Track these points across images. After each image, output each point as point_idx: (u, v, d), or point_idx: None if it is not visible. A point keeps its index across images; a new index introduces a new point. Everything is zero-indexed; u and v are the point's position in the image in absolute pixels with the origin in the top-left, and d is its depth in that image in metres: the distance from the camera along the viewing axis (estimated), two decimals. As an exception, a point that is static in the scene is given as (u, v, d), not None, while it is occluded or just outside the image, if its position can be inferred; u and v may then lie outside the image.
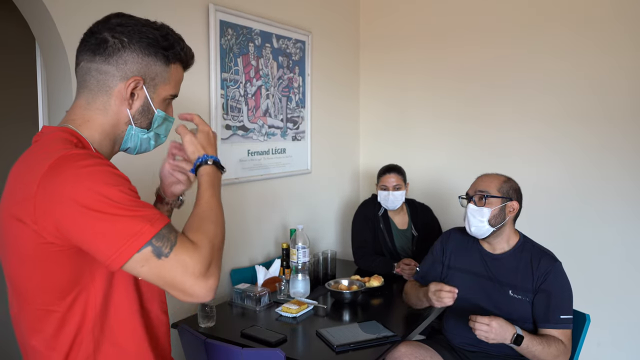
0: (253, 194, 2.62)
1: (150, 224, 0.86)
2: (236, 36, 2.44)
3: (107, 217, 0.84)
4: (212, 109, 2.33)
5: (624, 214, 2.74)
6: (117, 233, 0.84)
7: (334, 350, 1.74)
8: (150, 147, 1.11)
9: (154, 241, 0.86)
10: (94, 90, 1.01)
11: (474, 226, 1.91)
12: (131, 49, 0.99)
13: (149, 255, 0.85)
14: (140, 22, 1.02)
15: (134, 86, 1.01)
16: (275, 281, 2.36)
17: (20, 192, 0.89)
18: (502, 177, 1.95)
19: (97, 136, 1.01)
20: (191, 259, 0.88)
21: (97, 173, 0.87)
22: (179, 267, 0.87)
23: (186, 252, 0.88)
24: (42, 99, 1.93)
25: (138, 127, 1.05)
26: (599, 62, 2.74)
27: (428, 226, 2.79)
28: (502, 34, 3.00)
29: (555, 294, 1.82)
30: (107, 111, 1.01)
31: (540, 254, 1.89)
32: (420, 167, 3.30)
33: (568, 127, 2.85)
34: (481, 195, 1.89)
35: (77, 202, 0.84)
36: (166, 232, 0.88)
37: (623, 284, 2.77)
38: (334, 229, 3.37)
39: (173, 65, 1.05)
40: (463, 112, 3.16)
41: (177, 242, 0.88)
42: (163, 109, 1.07)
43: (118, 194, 0.86)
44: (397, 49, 3.37)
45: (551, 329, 1.79)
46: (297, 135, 2.92)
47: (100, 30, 1.00)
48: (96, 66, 1.00)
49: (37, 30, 1.81)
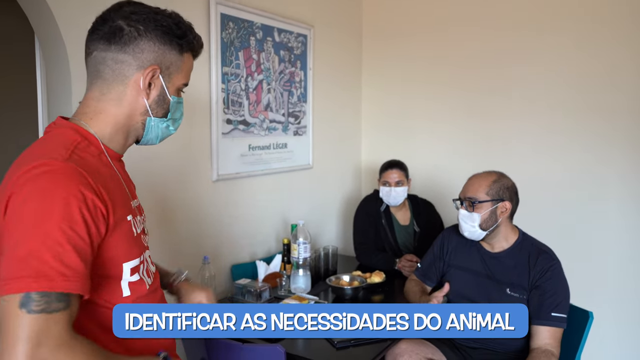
0: (254, 189, 2.60)
1: (46, 280, 0.79)
2: (237, 30, 2.41)
3: (28, 243, 0.81)
4: (212, 103, 2.31)
5: (628, 211, 2.72)
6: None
7: (335, 346, 1.73)
8: (171, 133, 1.10)
9: (33, 295, 0.79)
10: (108, 80, 0.98)
11: (467, 231, 1.92)
12: (147, 37, 0.97)
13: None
14: (153, 10, 1.00)
15: (152, 75, 0.99)
16: (276, 277, 2.34)
17: (3, 183, 0.89)
18: (492, 176, 1.92)
19: (109, 130, 0.99)
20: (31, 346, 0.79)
21: (55, 201, 0.83)
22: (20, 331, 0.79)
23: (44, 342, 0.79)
24: (40, 89, 1.92)
25: (155, 116, 1.04)
26: (605, 56, 2.72)
27: (430, 222, 2.78)
28: (507, 26, 2.97)
29: (550, 292, 1.80)
30: (121, 102, 0.99)
31: (539, 252, 1.88)
32: (423, 163, 3.28)
33: (572, 122, 2.83)
34: (470, 201, 1.89)
35: (21, 214, 0.82)
36: (53, 301, 0.80)
37: (627, 281, 2.75)
38: (335, 224, 3.35)
39: (185, 54, 1.04)
40: (467, 106, 3.14)
41: (53, 329, 0.80)
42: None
43: (55, 231, 0.81)
44: (400, 42, 3.35)
45: (540, 326, 1.77)
46: (298, 130, 2.90)
47: (114, 18, 0.97)
48: (112, 55, 0.97)
49: (36, 23, 1.80)
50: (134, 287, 0.98)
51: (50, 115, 1.88)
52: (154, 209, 2.04)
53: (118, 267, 0.95)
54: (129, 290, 0.97)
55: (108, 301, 0.95)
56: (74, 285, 0.82)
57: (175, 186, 2.17)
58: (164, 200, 2.12)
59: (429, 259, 2.14)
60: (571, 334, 1.97)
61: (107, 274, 0.94)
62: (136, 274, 0.98)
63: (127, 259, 0.96)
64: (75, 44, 1.74)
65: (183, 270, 1.31)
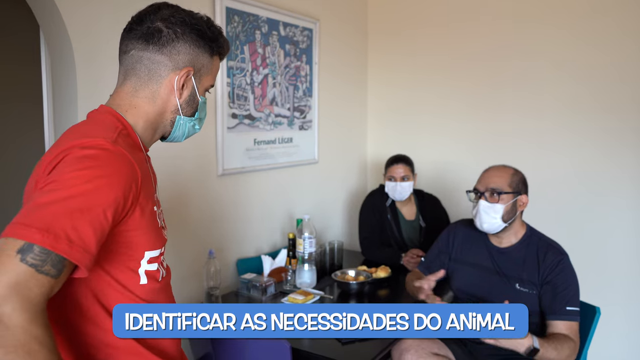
0: (259, 183, 2.61)
1: (52, 237, 0.79)
2: (242, 23, 2.40)
3: (58, 196, 0.82)
4: (218, 97, 2.31)
5: (637, 207, 2.69)
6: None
7: (340, 341, 1.73)
8: (196, 131, 1.15)
9: (36, 247, 0.78)
10: (143, 78, 1.03)
11: (487, 223, 1.87)
12: (184, 39, 1.02)
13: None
14: (188, 13, 1.05)
15: (186, 76, 1.04)
16: (281, 271, 2.35)
17: (49, 155, 0.91)
18: (510, 169, 1.91)
19: (141, 124, 1.04)
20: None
21: (98, 177, 0.86)
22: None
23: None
24: (45, 82, 1.92)
25: (185, 115, 1.08)
26: (614, 51, 2.68)
27: (436, 217, 2.77)
28: (514, 20, 2.93)
29: (562, 286, 1.79)
30: (155, 100, 1.04)
31: (547, 247, 1.87)
32: (429, 157, 3.26)
33: (580, 117, 2.80)
34: (493, 192, 1.86)
35: (62, 174, 0.85)
36: (54, 260, 0.80)
37: (634, 276, 2.73)
38: (341, 219, 3.35)
39: (215, 57, 1.10)
40: (473, 101, 3.11)
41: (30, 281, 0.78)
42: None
43: (83, 201, 0.83)
44: (405, 37, 3.32)
45: (557, 321, 1.77)
46: (304, 125, 2.90)
47: (153, 19, 1.01)
48: (149, 55, 1.01)
49: (40, 15, 1.80)
50: (151, 276, 1.00)
51: (55, 107, 1.89)
52: (160, 203, 2.04)
53: (140, 253, 0.98)
54: (146, 278, 0.99)
55: (124, 286, 0.96)
56: (75, 253, 0.81)
57: (181, 180, 2.17)
58: (170, 194, 2.13)
59: (434, 252, 2.13)
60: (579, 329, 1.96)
61: (128, 258, 0.96)
62: (154, 263, 1.01)
63: (149, 247, 0.99)
64: (80, 37, 1.75)
65: None
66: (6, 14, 3.16)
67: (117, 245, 0.93)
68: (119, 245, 0.94)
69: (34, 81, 2.36)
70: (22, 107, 3.23)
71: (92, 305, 0.94)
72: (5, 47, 3.19)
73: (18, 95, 3.22)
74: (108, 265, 0.94)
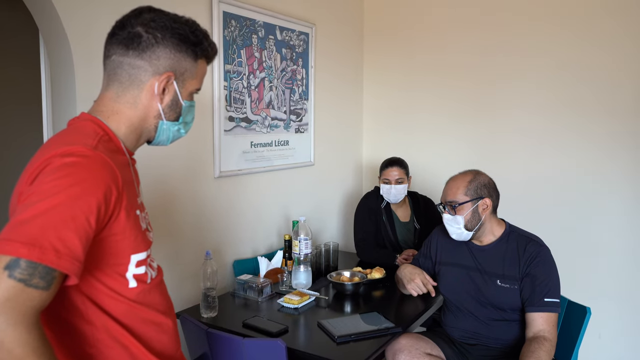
0: (256, 185, 2.63)
1: (38, 250, 0.80)
2: (239, 28, 2.43)
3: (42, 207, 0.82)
4: (215, 100, 2.33)
5: (631, 208, 2.73)
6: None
7: (335, 341, 1.75)
8: (181, 135, 1.14)
9: (22, 262, 0.79)
10: (124, 83, 1.02)
11: (454, 233, 1.97)
12: (164, 44, 1.01)
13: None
14: (171, 17, 1.04)
15: (166, 81, 1.03)
16: (277, 272, 2.37)
17: (30, 166, 0.92)
18: (468, 175, 1.96)
19: (124, 129, 1.03)
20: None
21: (80, 185, 0.86)
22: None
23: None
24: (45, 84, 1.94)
25: (168, 120, 1.07)
26: (611, 52, 2.72)
27: (430, 219, 2.79)
28: (509, 20, 2.97)
29: (541, 278, 1.83)
30: (136, 105, 1.03)
31: (527, 241, 1.91)
32: (424, 159, 3.29)
33: (574, 120, 2.84)
34: (450, 204, 1.93)
35: (44, 185, 0.85)
36: (41, 273, 0.80)
37: (625, 276, 2.76)
38: (336, 221, 3.37)
39: (200, 61, 1.08)
40: (468, 102, 3.14)
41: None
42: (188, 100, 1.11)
43: (67, 211, 0.83)
44: (401, 40, 3.36)
45: (535, 314, 1.80)
46: (300, 128, 2.92)
47: (133, 24, 1.01)
48: (129, 60, 1.01)
49: (39, 18, 1.82)
50: (139, 279, 1.01)
51: (54, 109, 1.91)
52: (157, 204, 2.06)
53: (126, 258, 0.98)
54: (135, 281, 1.00)
55: (114, 290, 0.98)
56: (63, 263, 0.82)
57: (178, 182, 2.19)
58: (167, 196, 2.15)
59: (421, 257, 2.20)
60: (569, 329, 1.99)
61: (114, 263, 0.97)
62: (142, 266, 1.02)
63: (134, 251, 1.00)
64: (79, 39, 1.77)
65: None
66: (5, 16, 3.18)
67: (103, 253, 0.94)
68: (105, 252, 0.94)
69: (34, 83, 2.38)
70: (22, 108, 3.24)
71: (88, 307, 0.96)
72: (4, 50, 3.20)
73: (17, 97, 3.24)
74: (97, 272, 0.95)
